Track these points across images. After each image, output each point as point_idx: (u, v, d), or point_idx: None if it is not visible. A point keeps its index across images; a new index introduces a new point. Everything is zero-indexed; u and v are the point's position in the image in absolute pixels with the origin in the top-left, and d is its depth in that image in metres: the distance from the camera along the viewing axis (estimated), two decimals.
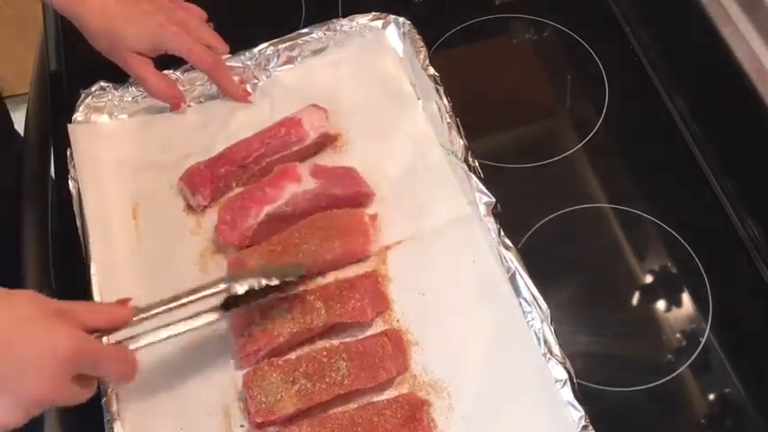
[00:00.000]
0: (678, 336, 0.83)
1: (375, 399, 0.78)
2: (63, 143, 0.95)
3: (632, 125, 0.97)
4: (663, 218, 0.89)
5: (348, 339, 0.81)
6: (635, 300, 0.86)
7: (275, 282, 0.77)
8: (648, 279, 0.87)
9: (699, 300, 0.84)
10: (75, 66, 1.04)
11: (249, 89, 0.99)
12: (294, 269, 0.80)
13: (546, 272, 0.81)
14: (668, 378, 0.80)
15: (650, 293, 0.86)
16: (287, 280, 0.79)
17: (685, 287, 0.86)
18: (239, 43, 1.00)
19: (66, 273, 0.92)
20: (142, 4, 0.94)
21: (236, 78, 0.98)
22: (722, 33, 0.87)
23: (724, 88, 0.90)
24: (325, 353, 0.78)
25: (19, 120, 1.11)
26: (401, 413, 0.75)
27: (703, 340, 0.82)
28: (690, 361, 0.81)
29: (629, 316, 0.85)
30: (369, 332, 0.82)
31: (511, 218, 0.85)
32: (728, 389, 0.79)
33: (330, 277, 0.85)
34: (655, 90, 0.98)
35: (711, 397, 0.79)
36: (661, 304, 0.85)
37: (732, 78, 0.86)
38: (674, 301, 0.85)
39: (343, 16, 1.02)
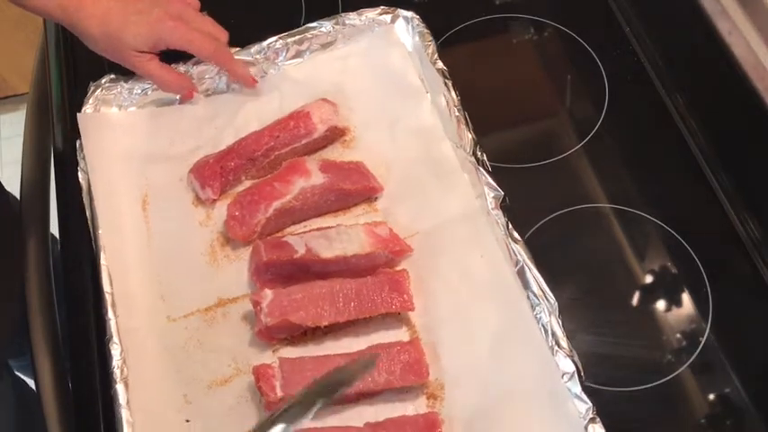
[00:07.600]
0: (678, 336, 0.83)
1: (395, 400, 0.78)
2: (63, 143, 0.95)
3: (632, 125, 0.97)
4: (663, 218, 0.89)
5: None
6: (635, 300, 0.86)
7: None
8: (648, 279, 0.87)
9: (699, 300, 0.84)
10: (76, 66, 1.04)
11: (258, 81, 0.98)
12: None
13: (545, 272, 0.81)
14: (668, 378, 0.80)
15: (650, 293, 0.86)
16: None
17: (685, 287, 0.86)
18: (239, 42, 1.00)
19: (68, 275, 0.92)
20: (137, 3, 0.94)
21: None
22: (721, 31, 0.87)
23: (723, 87, 0.90)
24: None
25: (19, 120, 1.11)
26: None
27: (703, 340, 0.82)
28: (690, 361, 0.81)
29: (629, 316, 0.85)
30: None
31: (510, 218, 0.85)
32: (728, 389, 0.79)
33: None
34: (654, 90, 0.98)
35: (711, 397, 0.79)
36: (661, 304, 0.85)
37: (731, 76, 0.86)
38: (674, 301, 0.85)
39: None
